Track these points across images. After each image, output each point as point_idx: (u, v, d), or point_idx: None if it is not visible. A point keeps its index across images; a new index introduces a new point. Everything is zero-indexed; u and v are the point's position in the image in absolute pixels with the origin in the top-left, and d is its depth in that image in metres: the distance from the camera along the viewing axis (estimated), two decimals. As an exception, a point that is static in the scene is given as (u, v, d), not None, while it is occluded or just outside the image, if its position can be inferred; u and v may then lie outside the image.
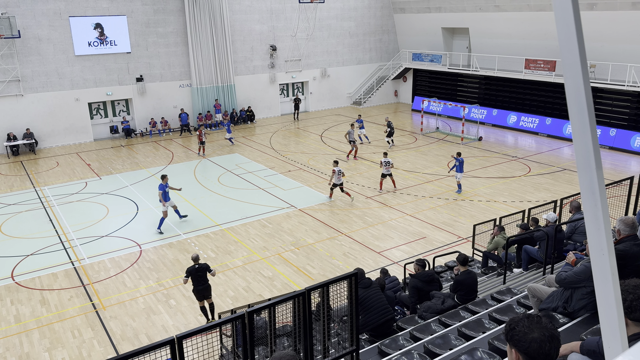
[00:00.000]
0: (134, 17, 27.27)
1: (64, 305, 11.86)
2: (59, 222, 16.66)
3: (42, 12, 24.87)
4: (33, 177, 21.50)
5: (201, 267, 10.74)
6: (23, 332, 10.84)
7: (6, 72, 24.48)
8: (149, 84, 28.42)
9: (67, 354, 10.09)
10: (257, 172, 21.50)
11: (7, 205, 18.22)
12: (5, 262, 13.98)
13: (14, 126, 25.09)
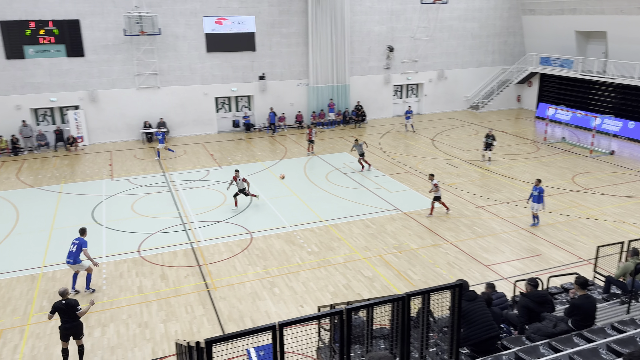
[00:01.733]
0: (261, 17, 28.75)
1: (180, 282, 12.89)
2: (182, 205, 18.13)
3: (180, 11, 27.18)
4: (163, 163, 23.61)
5: (69, 303, 9.44)
6: (144, 302, 11.97)
7: (147, 66, 27.13)
8: (270, 82, 29.79)
9: (179, 327, 10.96)
10: (364, 172, 21.59)
11: (139, 187, 20.21)
12: (134, 237, 15.53)
13: (150, 115, 27.76)
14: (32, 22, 24.69)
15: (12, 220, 16.90)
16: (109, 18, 25.94)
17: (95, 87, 26.51)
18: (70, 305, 9.44)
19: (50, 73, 25.58)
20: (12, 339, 10.57)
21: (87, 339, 10.55)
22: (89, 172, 22.16)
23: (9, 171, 22.46)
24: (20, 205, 18.25)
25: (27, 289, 12.53)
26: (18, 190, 19.92)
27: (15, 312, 11.56)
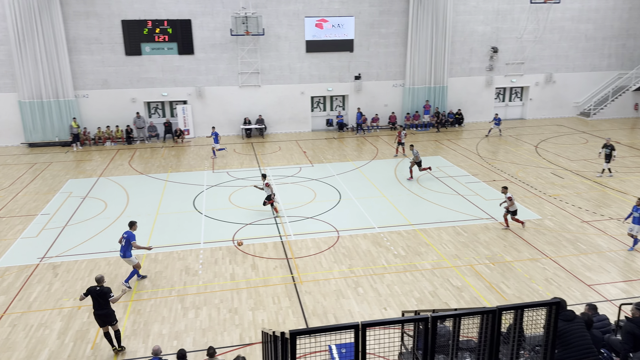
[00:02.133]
0: (360, 18, 28.86)
1: (269, 273, 13.34)
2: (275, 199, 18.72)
3: (283, 12, 28.05)
4: (259, 158, 24.56)
5: (103, 290, 9.99)
6: (235, 289, 12.54)
7: (249, 65, 28.34)
8: (365, 82, 29.83)
9: (266, 317, 11.35)
10: (458, 177, 20.90)
11: (237, 179, 21.19)
12: (229, 227, 16.32)
13: (250, 112, 28.98)
14: (149, 22, 26.79)
15: (123, 203, 18.47)
16: (218, 18, 27.43)
17: (202, 84, 28.17)
18: (104, 292, 9.96)
19: (162, 69, 27.59)
20: (116, 312, 11.55)
21: (182, 320, 11.27)
22: (192, 163, 23.62)
23: (123, 158, 24.58)
24: (130, 190, 19.90)
25: (130, 267, 13.62)
26: (130, 176, 21.73)
27: (120, 288, 12.62)
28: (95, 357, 10.03)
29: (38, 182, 20.90)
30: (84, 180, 21.20)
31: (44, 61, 25.81)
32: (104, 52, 26.75)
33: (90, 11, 26.12)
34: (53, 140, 26.93)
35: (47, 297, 12.14)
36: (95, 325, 10.94)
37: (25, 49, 25.42)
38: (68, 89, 26.51)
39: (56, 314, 11.46)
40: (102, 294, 9.97)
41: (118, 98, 27.48)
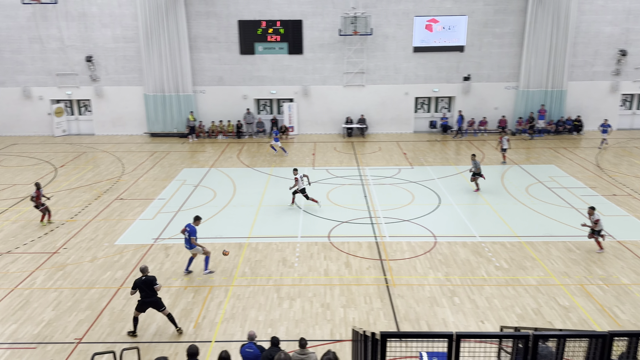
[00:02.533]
0: (473, 17, 27.80)
1: (362, 272, 13.36)
2: (371, 200, 18.71)
3: (393, 12, 27.85)
4: (358, 157, 24.66)
5: (148, 280, 10.44)
6: (328, 285, 12.72)
7: (355, 65, 28.53)
8: (475, 84, 28.69)
9: (357, 315, 11.38)
10: (573, 189, 19.37)
11: (335, 177, 21.46)
12: (325, 223, 16.58)
13: (352, 111, 29.20)
14: (263, 22, 27.99)
15: (230, 193, 19.52)
16: (328, 18, 27.94)
17: (308, 83, 28.90)
18: (149, 281, 10.45)
19: (273, 68, 28.71)
20: (218, 295, 12.26)
21: (277, 309, 11.67)
22: (295, 159, 24.34)
23: (232, 151, 25.97)
24: (237, 181, 20.99)
25: (234, 255, 14.37)
26: (237, 168, 22.92)
27: (223, 273, 13.37)
28: (197, 335, 10.73)
29: (157, 169, 22.78)
30: (196, 169, 22.74)
31: (168, 58, 28.04)
32: (221, 50, 28.44)
33: (211, 11, 27.89)
34: (172, 131, 29.18)
35: (158, 275, 13.19)
36: (198, 305, 11.71)
37: (152, 46, 27.80)
38: (187, 84, 28.56)
39: (165, 292, 12.42)
40: (148, 283, 10.48)
41: (231, 94, 29.07)
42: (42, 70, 28.54)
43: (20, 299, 12.16)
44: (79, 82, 28.77)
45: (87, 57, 28.11)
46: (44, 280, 12.98)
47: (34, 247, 14.88)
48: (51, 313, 11.54)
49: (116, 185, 20.49)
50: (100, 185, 20.47)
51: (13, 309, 11.71)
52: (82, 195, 19.41)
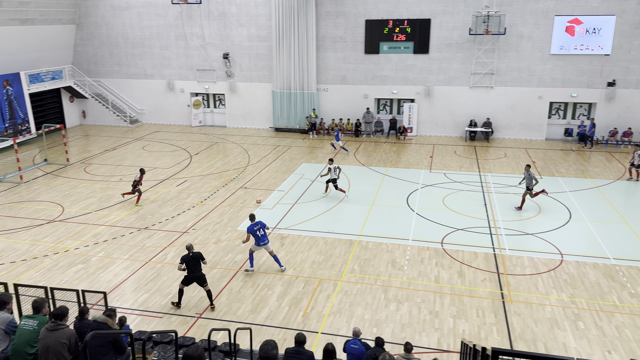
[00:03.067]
0: (623, 17, 25.06)
1: (476, 283, 12.75)
2: (491, 208, 17.77)
3: (530, 10, 26.09)
4: (480, 162, 23.55)
5: (196, 255, 11.30)
6: (438, 292, 12.34)
7: (484, 66, 27.25)
8: (620, 90, 25.88)
9: (467, 328, 10.90)
10: None
11: (453, 182, 20.72)
12: (439, 229, 16.09)
13: (477, 114, 27.94)
14: (390, 21, 27.86)
15: (344, 190, 19.78)
16: (458, 17, 27.01)
17: (432, 83, 28.22)
18: (196, 257, 11.34)
19: (396, 68, 28.49)
20: (327, 289, 12.51)
21: (383, 310, 11.60)
22: (411, 161, 23.95)
23: (349, 149, 26.27)
24: (352, 179, 21.20)
25: (345, 251, 14.55)
26: (353, 166, 23.15)
27: (333, 267, 13.61)
28: (304, 325, 11.05)
29: (278, 162, 23.84)
30: (315, 165, 23.39)
31: (296, 57, 29.15)
32: (346, 50, 28.88)
33: (340, 11, 28.43)
34: (294, 127, 30.32)
35: (273, 263, 13.81)
36: (307, 295, 12.05)
37: (283, 45, 29.08)
38: (312, 82, 29.45)
39: (278, 279, 12.97)
40: (195, 259, 11.33)
41: (353, 93, 29.41)
42: (185, 65, 31.27)
43: (153, 271, 13.48)
44: (216, 78, 31.05)
45: (224, 54, 30.23)
46: (174, 257, 14.25)
47: (167, 226, 16.40)
48: (178, 287, 12.64)
49: (242, 174, 21.80)
50: (228, 174, 21.93)
51: (146, 280, 13.03)
52: (212, 182, 20.96)
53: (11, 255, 14.33)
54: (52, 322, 6.85)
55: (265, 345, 4.82)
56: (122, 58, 31.88)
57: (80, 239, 15.37)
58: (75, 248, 14.80)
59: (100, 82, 32.44)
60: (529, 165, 17.78)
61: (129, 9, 30.73)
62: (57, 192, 19.67)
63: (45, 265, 13.73)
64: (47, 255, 14.31)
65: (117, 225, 16.44)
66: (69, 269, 13.51)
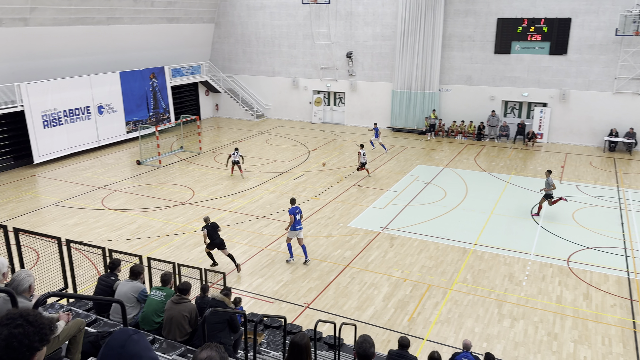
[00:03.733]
0: None
1: (604, 309, 11.57)
2: (629, 228, 15.97)
3: (694, 8, 22.91)
4: (620, 176, 21.25)
5: (213, 225, 13.08)
6: (559, 313, 11.40)
7: (631, 70, 24.48)
8: None
9: (590, 356, 9.94)
10: None
11: (586, 196, 18.94)
12: (566, 245, 14.82)
13: (619, 123, 25.22)
14: (525, 20, 26.19)
15: (461, 196, 19.06)
16: (603, 17, 24.58)
17: (568, 87, 26.04)
18: (215, 226, 13.10)
19: (528, 69, 26.72)
20: (435, 295, 12.17)
21: (496, 325, 10.99)
22: (539, 169, 22.34)
23: (469, 153, 25.24)
24: (470, 184, 20.34)
25: (457, 259, 14.03)
26: (473, 171, 22.20)
27: (443, 274, 13.20)
28: (410, 329, 10.87)
29: (393, 162, 23.66)
30: (430, 167, 22.85)
31: (419, 56, 28.65)
32: (474, 49, 27.73)
33: (470, 9, 27.36)
34: (412, 127, 29.87)
35: (381, 262, 13.77)
36: (414, 300, 11.84)
37: (407, 44, 28.75)
38: (434, 82, 28.75)
39: (385, 279, 12.90)
40: (214, 228, 13.04)
41: (478, 95, 28.18)
42: (310, 64, 32.29)
43: (267, 258, 14.16)
44: (338, 76, 31.65)
45: (348, 53, 30.68)
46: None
47: (284, 216, 17.11)
48: (289, 276, 13.14)
49: (356, 172, 22.00)
50: (343, 171, 22.27)
51: (261, 266, 13.73)
52: (327, 177, 21.44)
53: (147, 231, 15.96)
54: (177, 296, 7.51)
55: (364, 343, 4.80)
56: (253, 56, 33.81)
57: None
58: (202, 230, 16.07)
59: (232, 77, 34.75)
60: (549, 170, 17.17)
61: (262, 9, 32.47)
62: (190, 178, 21.47)
63: (174, 243, 15.08)
64: (177, 234, 15.71)
65: (239, 212, 17.52)
66: (195, 249, 14.70)
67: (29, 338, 2.27)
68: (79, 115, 24.61)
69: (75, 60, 25.44)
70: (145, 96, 28.55)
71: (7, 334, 2.24)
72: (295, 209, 13.64)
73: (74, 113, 24.36)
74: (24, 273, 4.73)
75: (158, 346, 6.50)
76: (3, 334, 2.24)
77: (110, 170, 22.52)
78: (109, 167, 23.03)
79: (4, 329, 2.25)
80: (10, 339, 2.23)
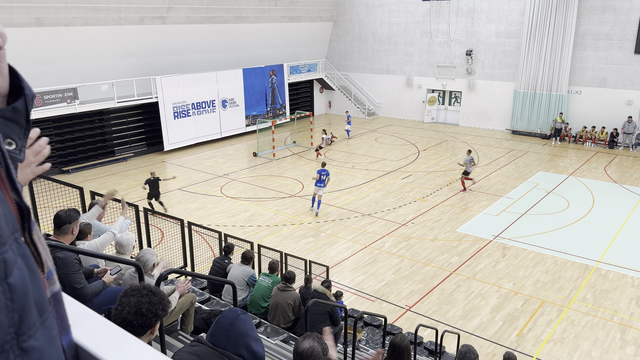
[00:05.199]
0: None
1: None
2: None
3: None
4: None
5: (156, 179, 16.10)
6: None
7: None
8: None
9: None
10: None
11: None
12: None
13: None
14: (676, 16, 23.24)
15: (587, 208, 17.48)
16: None
17: None
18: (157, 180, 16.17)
19: (677, 71, 23.70)
20: (549, 312, 11.31)
21: (617, 351, 9.95)
22: (682, 184, 19.77)
23: (599, 162, 23.04)
24: (598, 196, 18.57)
25: (577, 276, 12.90)
26: (601, 182, 20.24)
27: (560, 291, 12.22)
28: (518, 345, 10.23)
29: (511, 167, 22.36)
30: (553, 175, 21.23)
31: (547, 55, 26.70)
32: (611, 49, 25.21)
33: (608, 5, 24.91)
34: (534, 131, 27.97)
35: (490, 272, 13.11)
36: (525, 315, 11.12)
37: (534, 42, 26.94)
38: (563, 83, 26.64)
39: (494, 291, 12.26)
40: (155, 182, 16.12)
41: (612, 98, 25.60)
42: (426, 62, 31.60)
43: (370, 256, 14.16)
44: (455, 75, 30.61)
45: (468, 51, 29.52)
46: (391, 246, 14.72)
47: (388, 216, 16.99)
48: (391, 276, 13.03)
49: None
50: (453, 173, 21.53)
51: (364, 263, 13.77)
52: (436, 179, 20.88)
53: (259, 220, 16.76)
54: (282, 284, 7.80)
55: (468, 353, 4.62)
56: (368, 54, 33.90)
57: (313, 215, 17.06)
58: (309, 222, 16.50)
59: (347, 75, 35.16)
60: (470, 150, 19.69)
61: (381, 6, 32.39)
62: (300, 171, 22.16)
63: (283, 233, 15.68)
64: (286, 225, 16.31)
65: (345, 208, 17.73)
66: (301, 240, 15.15)
67: (155, 306, 2.60)
68: (205, 108, 26.52)
69: (204, 56, 27.44)
70: (264, 92, 29.96)
71: (136, 302, 2.58)
72: (323, 170, 16.81)
73: (201, 106, 26.30)
74: (149, 253, 5.21)
75: (263, 330, 6.81)
76: (132, 301, 2.57)
77: (229, 160, 23.99)
78: (228, 157, 24.55)
79: (132, 298, 2.59)
80: (139, 306, 2.57)
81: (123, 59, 23.77)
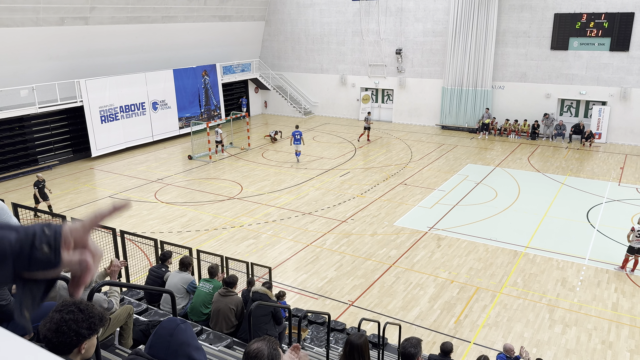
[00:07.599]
0: None
1: (666, 319, 10.93)
2: (696, 235, 14.98)
3: None
4: (687, 180, 20.00)
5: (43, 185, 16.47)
6: (614, 321, 10.87)
7: (703, 66, 22.99)
8: None
9: (649, 368, 9.43)
10: None
11: (649, 199, 17.96)
12: (623, 251, 14.08)
13: (687, 123, 23.74)
14: (584, 15, 25.04)
15: (513, 196, 18.49)
16: (671, 9, 23.17)
17: (630, 85, 24.74)
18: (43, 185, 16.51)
19: (586, 66, 25.56)
20: (483, 298, 11.87)
21: (546, 331, 10.61)
22: (596, 171, 21.37)
23: (523, 153, 24.43)
24: (523, 185, 19.69)
25: (508, 262, 13.62)
26: (525, 171, 21.48)
27: (492, 277, 12.86)
28: (456, 331, 10.66)
29: (442, 161, 23.23)
30: (481, 166, 22.28)
31: (472, 52, 27.96)
32: (529, 45, 26.79)
33: (525, 4, 26.44)
34: (462, 125, 29.21)
35: (427, 263, 13.58)
36: (461, 302, 11.60)
37: (459, 40, 28.12)
38: (487, 79, 28.00)
39: (431, 280, 12.70)
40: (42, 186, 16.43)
41: (533, 92, 27.22)
42: (358, 61, 32.16)
43: (312, 254, 14.25)
44: (386, 73, 31.37)
45: (397, 49, 30.34)
46: (332, 243, 14.88)
47: (329, 213, 17.16)
48: (333, 272, 13.18)
49: (403, 170, 21.77)
50: (389, 169, 22.08)
51: (306, 262, 13.83)
52: (373, 175, 21.32)
53: (197, 224, 16.40)
54: (224, 289, 7.68)
55: (405, 342, 4.86)
56: (302, 53, 34.02)
57: (253, 217, 16.93)
58: (249, 224, 16.34)
59: (281, 75, 35.11)
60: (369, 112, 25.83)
61: (312, 6, 32.59)
62: (238, 173, 21.89)
63: (222, 237, 15.43)
64: (225, 228, 16.06)
65: (285, 208, 17.71)
66: (242, 242, 14.98)
67: (78, 324, 2.46)
68: (134, 111, 25.56)
69: (131, 57, 26.43)
70: (197, 93, 29.31)
71: (59, 319, 2.44)
72: (296, 132, 22.36)
73: (130, 109, 25.33)
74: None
75: (205, 337, 6.67)
76: (55, 318, 2.45)
77: (163, 164, 23.28)
78: (162, 161, 23.81)
79: (57, 314, 2.46)
80: (60, 323, 2.43)
81: (43, 62, 22.44)
